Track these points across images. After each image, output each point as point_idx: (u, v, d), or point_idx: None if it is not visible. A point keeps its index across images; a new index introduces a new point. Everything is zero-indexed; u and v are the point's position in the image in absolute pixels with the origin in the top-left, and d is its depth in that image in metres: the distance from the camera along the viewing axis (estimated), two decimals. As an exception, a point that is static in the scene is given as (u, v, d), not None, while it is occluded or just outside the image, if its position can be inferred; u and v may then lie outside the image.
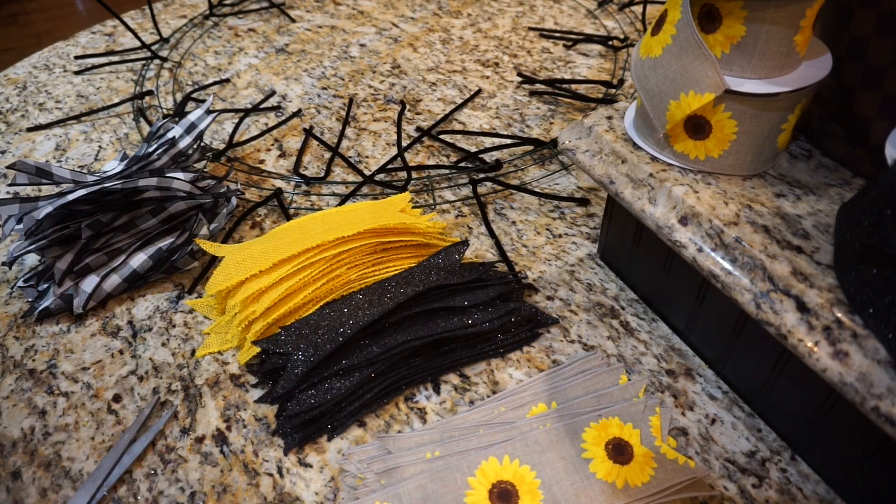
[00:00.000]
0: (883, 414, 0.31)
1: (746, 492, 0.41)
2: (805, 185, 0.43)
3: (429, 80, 0.87)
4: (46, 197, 0.56)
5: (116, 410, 0.47)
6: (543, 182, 0.68)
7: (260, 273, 0.50)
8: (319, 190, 0.68)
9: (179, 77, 0.89)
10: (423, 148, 0.74)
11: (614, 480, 0.40)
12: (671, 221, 0.43)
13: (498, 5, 1.07)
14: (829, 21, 0.43)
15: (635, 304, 0.54)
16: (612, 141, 0.48)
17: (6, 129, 0.78)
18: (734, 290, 0.39)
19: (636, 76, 0.45)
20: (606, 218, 0.55)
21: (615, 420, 0.44)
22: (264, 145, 0.75)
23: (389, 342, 0.47)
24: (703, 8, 0.40)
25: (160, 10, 1.07)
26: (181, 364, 0.50)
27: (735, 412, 0.45)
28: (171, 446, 0.45)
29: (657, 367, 0.48)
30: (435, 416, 0.46)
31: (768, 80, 0.40)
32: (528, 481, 0.41)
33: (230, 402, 0.47)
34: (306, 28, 1.01)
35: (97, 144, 0.75)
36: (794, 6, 0.37)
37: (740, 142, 0.42)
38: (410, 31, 0.99)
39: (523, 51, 0.92)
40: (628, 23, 0.98)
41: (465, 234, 0.61)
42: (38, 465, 0.44)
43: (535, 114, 0.79)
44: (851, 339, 0.33)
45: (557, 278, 0.56)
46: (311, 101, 0.83)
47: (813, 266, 0.37)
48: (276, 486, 0.42)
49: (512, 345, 0.50)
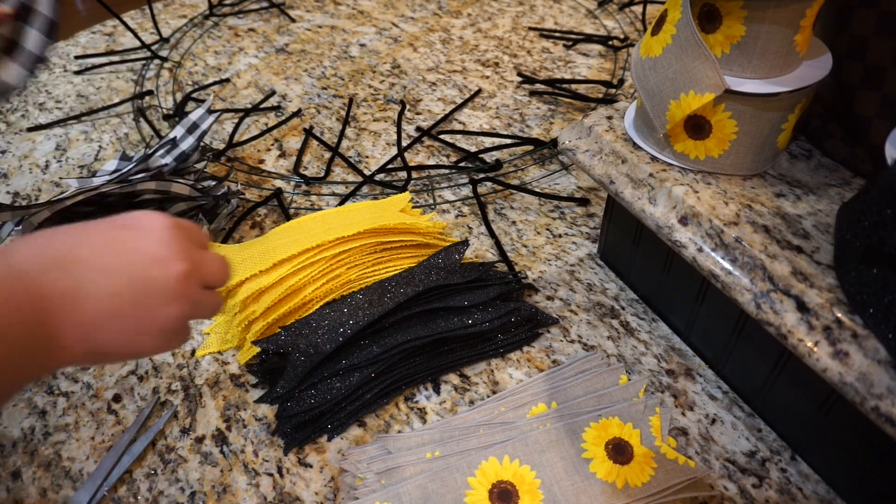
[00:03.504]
0: (883, 414, 0.31)
1: (746, 492, 0.41)
2: (805, 185, 0.43)
3: (429, 80, 0.87)
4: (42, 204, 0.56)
5: (116, 410, 0.47)
6: (543, 182, 0.68)
7: (260, 273, 0.50)
8: (319, 190, 0.68)
9: (179, 77, 0.89)
10: (423, 148, 0.74)
11: (614, 480, 0.40)
12: (671, 221, 0.43)
13: (498, 5, 1.07)
14: (829, 21, 0.43)
15: (635, 304, 0.54)
16: (612, 141, 0.48)
17: (6, 129, 0.78)
18: (734, 290, 0.39)
19: (636, 76, 0.45)
20: (606, 218, 0.55)
21: (615, 420, 0.44)
22: (264, 145, 0.75)
23: (389, 342, 0.47)
24: (703, 8, 0.40)
25: (160, 10, 1.07)
26: (181, 364, 0.50)
27: (735, 412, 0.45)
28: (171, 446, 0.45)
29: (657, 367, 0.48)
30: (435, 416, 0.46)
31: (768, 80, 0.40)
32: (528, 481, 0.41)
33: (230, 402, 0.47)
34: (306, 28, 1.01)
35: (97, 144, 0.75)
36: (794, 6, 0.37)
37: (740, 142, 0.42)
38: (410, 31, 0.99)
39: (523, 51, 0.92)
40: (628, 23, 0.98)
41: (465, 234, 0.61)
42: (38, 465, 0.44)
43: (535, 114, 0.79)
44: (851, 339, 0.33)
45: (557, 278, 0.56)
46: (311, 101, 0.83)
47: (813, 266, 0.37)
48: (276, 486, 0.42)
49: (512, 345, 0.50)
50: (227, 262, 0.36)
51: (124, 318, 0.30)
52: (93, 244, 0.30)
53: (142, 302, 0.30)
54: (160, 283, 0.31)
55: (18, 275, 0.27)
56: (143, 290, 0.30)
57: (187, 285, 0.32)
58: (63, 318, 0.28)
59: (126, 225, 0.32)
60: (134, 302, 0.30)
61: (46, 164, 0.72)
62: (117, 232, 0.31)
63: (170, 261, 0.31)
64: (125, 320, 0.30)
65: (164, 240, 0.31)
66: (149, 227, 0.32)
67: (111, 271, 0.30)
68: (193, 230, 0.35)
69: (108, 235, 0.31)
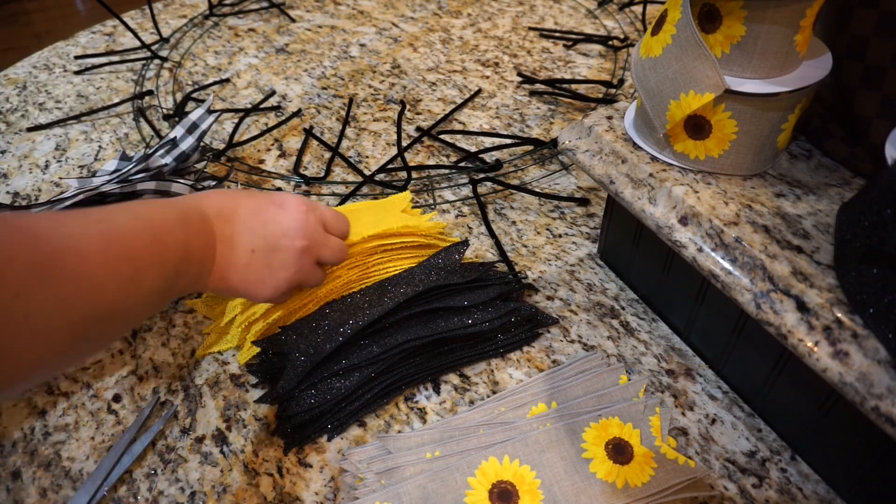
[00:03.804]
0: (883, 414, 0.31)
1: (746, 492, 0.41)
2: (805, 185, 0.43)
3: (429, 80, 0.87)
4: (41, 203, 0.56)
5: (116, 410, 0.47)
6: (543, 182, 0.68)
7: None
8: (319, 190, 0.68)
9: (179, 77, 0.89)
10: (423, 148, 0.74)
11: (614, 480, 0.40)
12: (671, 221, 0.43)
13: (498, 5, 1.07)
14: (829, 21, 0.43)
15: (635, 304, 0.54)
16: (612, 141, 0.48)
17: (6, 129, 0.78)
18: (734, 290, 0.39)
19: (636, 76, 0.45)
20: (606, 218, 0.55)
21: (615, 420, 0.44)
22: (264, 145, 0.75)
23: (389, 342, 0.47)
24: (703, 8, 0.40)
25: (160, 10, 1.07)
26: (181, 364, 0.50)
27: (735, 412, 0.45)
28: (171, 446, 0.45)
29: (657, 367, 0.48)
30: (435, 416, 0.46)
31: (768, 79, 0.40)
32: (528, 481, 0.41)
33: (230, 402, 0.47)
34: (306, 28, 1.01)
35: (97, 144, 0.75)
36: (794, 6, 0.37)
37: (740, 142, 0.42)
38: (410, 31, 0.99)
39: (523, 51, 0.92)
40: (628, 23, 0.98)
41: (465, 234, 0.61)
42: (38, 465, 0.44)
43: (535, 114, 0.79)
44: (851, 339, 0.33)
45: (557, 278, 0.56)
46: (311, 101, 0.83)
47: (813, 266, 0.37)
48: (276, 486, 0.42)
49: (512, 345, 0.50)
50: (343, 248, 0.46)
51: (253, 269, 0.40)
52: (250, 208, 0.40)
53: (269, 261, 0.40)
54: (284, 251, 0.40)
55: (205, 216, 0.38)
56: (272, 252, 0.40)
57: (303, 258, 0.41)
58: (218, 255, 0.39)
59: (275, 201, 0.41)
60: (264, 260, 0.40)
61: (46, 164, 0.72)
62: (267, 205, 0.41)
63: (296, 237, 0.41)
64: (253, 271, 0.40)
65: (297, 219, 0.41)
66: (289, 206, 0.41)
67: (255, 233, 0.39)
68: (328, 215, 0.44)
69: (260, 205, 0.41)
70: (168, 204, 0.38)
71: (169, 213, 0.36)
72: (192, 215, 0.38)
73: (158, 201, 0.38)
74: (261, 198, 0.41)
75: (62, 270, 0.28)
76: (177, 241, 0.35)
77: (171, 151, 0.62)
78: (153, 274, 0.33)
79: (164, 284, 0.34)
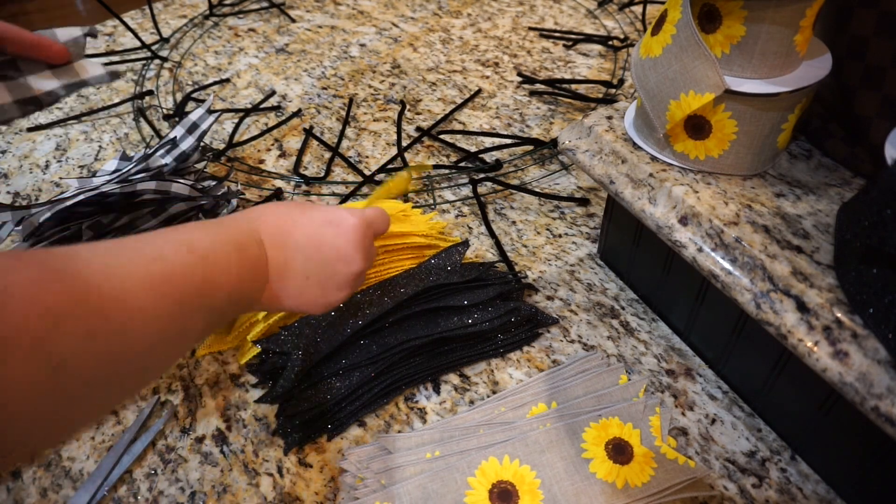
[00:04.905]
0: (883, 414, 0.31)
1: (746, 492, 0.41)
2: (805, 185, 0.43)
3: (429, 80, 0.87)
4: (42, 204, 0.56)
5: (116, 410, 0.47)
6: (543, 182, 0.68)
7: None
8: (319, 190, 0.68)
9: (179, 77, 0.89)
10: (423, 148, 0.74)
11: (614, 480, 0.40)
12: (671, 221, 0.43)
13: (498, 5, 1.07)
14: (829, 21, 0.43)
15: (635, 304, 0.54)
16: (612, 141, 0.48)
17: (6, 129, 0.78)
18: (734, 290, 0.39)
19: (636, 76, 0.45)
20: (606, 218, 0.55)
21: (615, 420, 0.44)
22: (264, 145, 0.75)
23: (389, 341, 0.47)
24: (703, 8, 0.40)
25: (160, 10, 1.07)
26: (181, 364, 0.50)
27: (735, 412, 0.45)
28: (171, 446, 0.45)
29: (657, 367, 0.48)
30: (435, 416, 0.46)
31: (768, 80, 0.40)
32: (528, 481, 0.41)
33: (230, 402, 0.47)
34: (306, 28, 1.01)
35: (97, 144, 0.75)
36: (794, 6, 0.37)
37: (740, 142, 0.42)
38: (410, 31, 0.99)
39: (523, 51, 0.92)
40: (628, 23, 0.98)
41: (465, 234, 0.61)
42: (38, 465, 0.44)
43: (535, 114, 0.79)
44: (851, 339, 0.33)
45: (557, 278, 0.56)
46: (311, 101, 0.83)
47: (813, 266, 0.37)
48: (276, 486, 0.42)
49: (512, 345, 0.50)
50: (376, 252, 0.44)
51: (306, 294, 0.39)
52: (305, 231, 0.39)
53: (323, 285, 0.39)
54: (341, 275, 0.39)
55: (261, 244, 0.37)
56: (328, 276, 0.39)
57: (358, 278, 0.40)
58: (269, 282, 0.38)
59: (332, 221, 0.39)
60: (318, 285, 0.39)
61: (46, 164, 0.72)
62: (324, 227, 0.39)
63: (352, 262, 0.39)
64: (306, 296, 0.39)
65: (353, 241, 0.39)
66: (344, 225, 0.39)
67: (310, 259, 0.38)
68: (378, 221, 0.42)
69: (316, 226, 0.39)
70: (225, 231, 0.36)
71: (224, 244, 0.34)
72: (249, 245, 0.36)
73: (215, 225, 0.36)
74: (317, 216, 0.39)
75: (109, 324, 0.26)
76: (230, 281, 0.34)
77: (172, 151, 0.62)
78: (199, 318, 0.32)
79: (206, 329, 0.33)
